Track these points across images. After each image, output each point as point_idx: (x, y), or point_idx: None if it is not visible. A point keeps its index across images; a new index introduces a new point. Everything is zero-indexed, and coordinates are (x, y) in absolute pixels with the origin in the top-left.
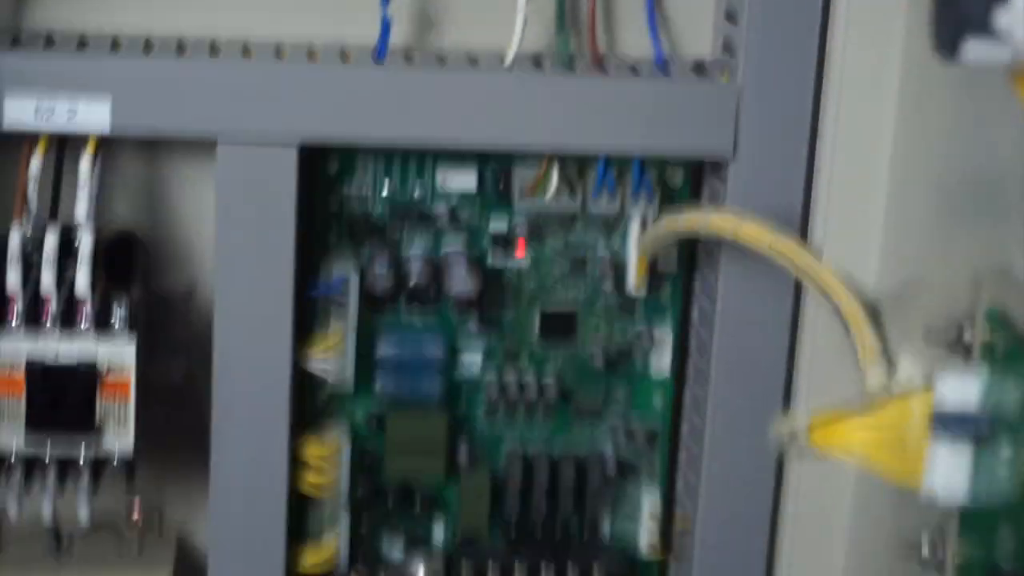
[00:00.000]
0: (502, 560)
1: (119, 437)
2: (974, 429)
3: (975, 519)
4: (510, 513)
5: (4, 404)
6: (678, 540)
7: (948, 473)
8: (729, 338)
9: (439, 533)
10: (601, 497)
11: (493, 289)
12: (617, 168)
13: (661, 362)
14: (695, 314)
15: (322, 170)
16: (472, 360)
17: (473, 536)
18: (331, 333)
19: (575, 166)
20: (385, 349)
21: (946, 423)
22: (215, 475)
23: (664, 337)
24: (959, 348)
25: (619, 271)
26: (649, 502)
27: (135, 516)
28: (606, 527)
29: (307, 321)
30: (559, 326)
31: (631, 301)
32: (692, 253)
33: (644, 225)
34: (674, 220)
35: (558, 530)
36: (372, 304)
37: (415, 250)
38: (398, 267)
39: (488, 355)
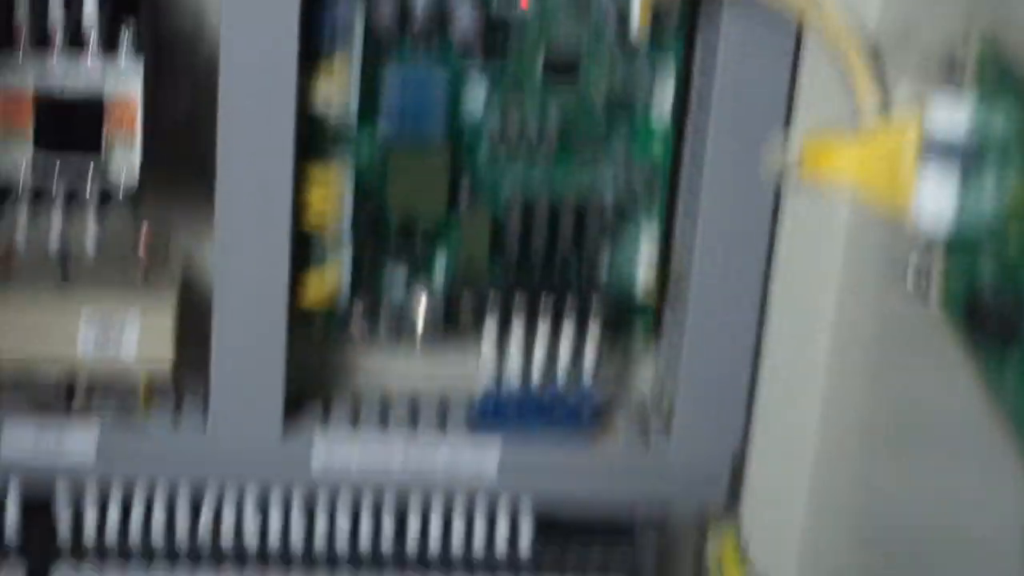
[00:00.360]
0: (500, 300)
1: (125, 167)
2: (961, 154)
3: (959, 248)
4: (509, 256)
5: (11, 135)
6: (674, 285)
7: (934, 200)
8: (729, 90)
9: (439, 274)
10: (599, 241)
11: (497, 37)
12: None
13: (662, 110)
14: (696, 67)
15: None
16: (475, 101)
17: (472, 277)
18: (335, 72)
19: None
20: (389, 88)
21: (934, 147)
22: (220, 208)
23: (665, 86)
24: (953, 80)
25: (623, 19)
26: (647, 248)
27: (141, 246)
28: (603, 272)
29: (312, 60)
30: (562, 71)
31: (634, 51)
32: (695, 8)
33: None
34: None
35: (556, 274)
36: (376, 44)
37: None
38: (403, 5)
39: (491, 97)
